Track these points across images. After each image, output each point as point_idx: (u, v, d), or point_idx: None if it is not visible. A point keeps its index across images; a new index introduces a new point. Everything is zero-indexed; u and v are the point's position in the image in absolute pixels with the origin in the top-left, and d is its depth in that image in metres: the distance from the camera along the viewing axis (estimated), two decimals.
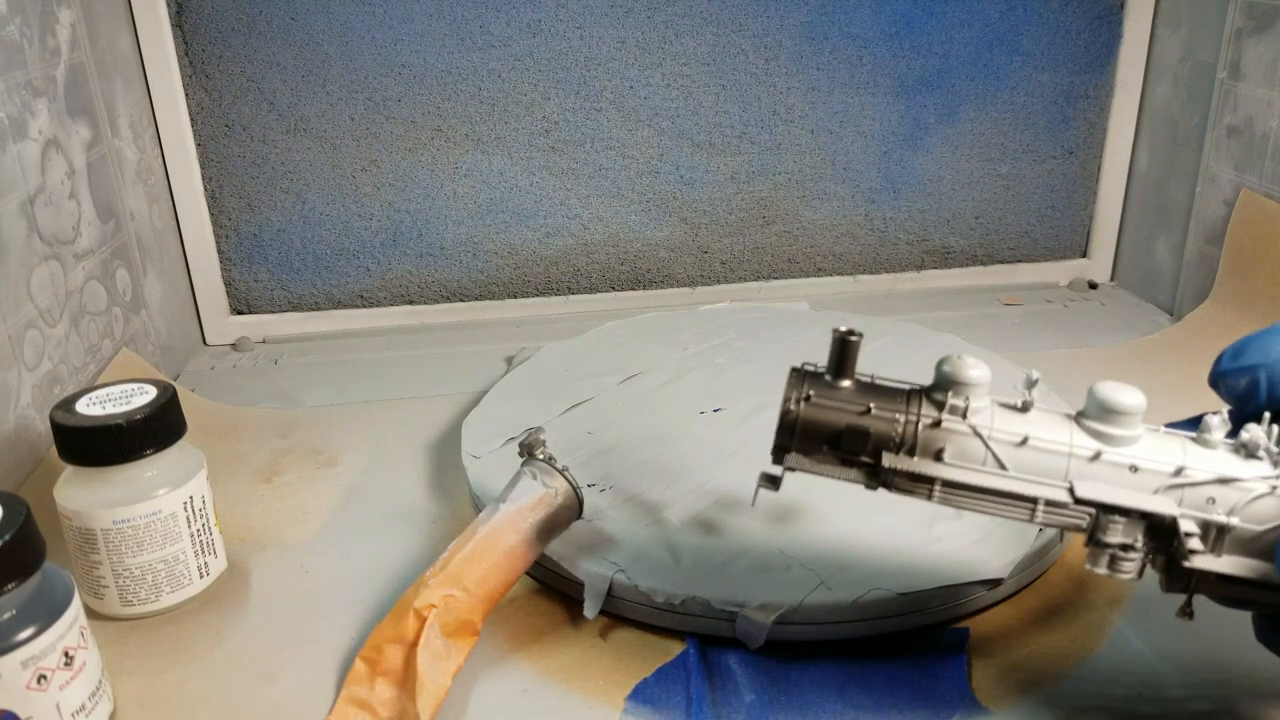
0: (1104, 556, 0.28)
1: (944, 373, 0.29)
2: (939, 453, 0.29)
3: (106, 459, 0.37)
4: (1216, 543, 0.28)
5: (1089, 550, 0.28)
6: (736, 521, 0.41)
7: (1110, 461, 0.28)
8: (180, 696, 0.36)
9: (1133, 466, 0.28)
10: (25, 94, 0.49)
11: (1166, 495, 0.28)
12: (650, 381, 0.54)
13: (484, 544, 0.36)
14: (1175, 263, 0.69)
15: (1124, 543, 0.28)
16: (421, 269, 0.70)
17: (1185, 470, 0.28)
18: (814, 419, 0.29)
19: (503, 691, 0.36)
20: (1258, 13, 0.60)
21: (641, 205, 0.71)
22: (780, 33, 0.67)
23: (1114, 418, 0.28)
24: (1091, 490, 0.28)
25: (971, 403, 0.29)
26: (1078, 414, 0.30)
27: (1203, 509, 0.28)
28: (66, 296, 0.51)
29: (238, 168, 0.66)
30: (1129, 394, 0.28)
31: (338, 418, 0.57)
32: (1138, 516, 0.28)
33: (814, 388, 0.30)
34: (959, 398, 0.29)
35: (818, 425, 0.29)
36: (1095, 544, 0.28)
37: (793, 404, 0.29)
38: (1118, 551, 0.28)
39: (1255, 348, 0.31)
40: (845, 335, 0.30)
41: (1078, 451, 0.28)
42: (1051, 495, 0.28)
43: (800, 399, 0.29)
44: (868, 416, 0.29)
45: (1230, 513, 0.28)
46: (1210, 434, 0.29)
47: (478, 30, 0.65)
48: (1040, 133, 0.72)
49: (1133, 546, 0.28)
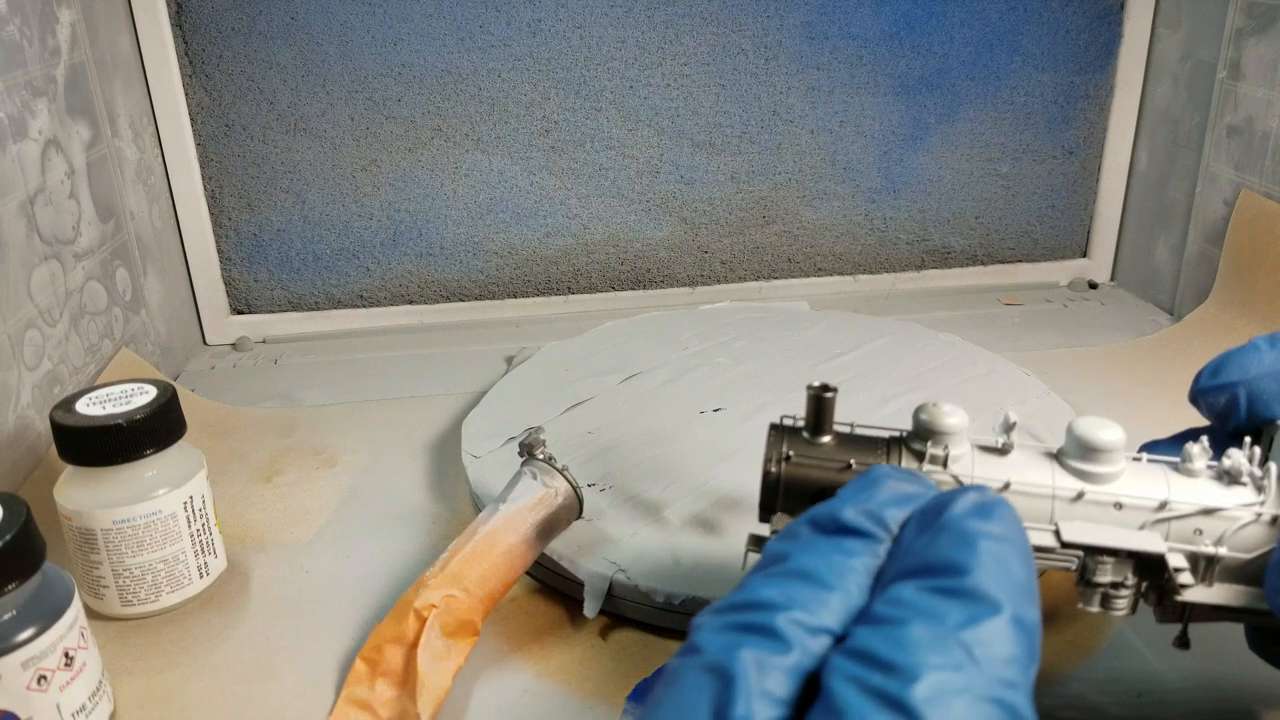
0: (1095, 595, 0.28)
1: (921, 421, 0.29)
2: None
3: (106, 459, 0.37)
4: (1206, 573, 0.28)
5: (1080, 590, 0.28)
6: (736, 521, 0.41)
7: (1094, 500, 0.28)
8: (180, 696, 0.36)
9: (1117, 503, 0.28)
10: (25, 94, 0.49)
11: (1153, 530, 0.28)
12: (650, 381, 0.54)
13: (484, 544, 0.36)
14: (1175, 263, 0.69)
15: (1114, 581, 0.28)
16: (421, 269, 0.70)
17: (1169, 504, 0.28)
18: (796, 478, 0.29)
19: (503, 691, 0.36)
20: (1258, 13, 0.60)
21: (641, 205, 0.71)
22: (780, 33, 0.67)
23: (1094, 455, 0.28)
24: (1078, 533, 0.28)
25: (951, 450, 0.28)
26: (1058, 451, 0.29)
27: (1190, 541, 0.28)
28: (66, 296, 0.51)
29: (238, 168, 0.66)
30: (1108, 430, 0.28)
31: (338, 418, 0.57)
32: (1125, 555, 0.28)
33: (793, 446, 0.29)
34: (938, 446, 0.28)
35: (800, 484, 0.29)
36: (1086, 584, 0.28)
37: (773, 465, 0.29)
38: (1109, 590, 0.28)
39: (1233, 365, 0.31)
40: (820, 392, 0.29)
41: (1060, 493, 0.28)
42: (1038, 540, 0.28)
43: (780, 459, 0.29)
44: (848, 472, 0.29)
45: (1218, 543, 0.27)
46: (1193, 463, 0.28)
47: (478, 30, 0.65)
48: (1040, 133, 0.72)
49: (1123, 584, 0.28)
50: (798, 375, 0.54)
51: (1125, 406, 0.55)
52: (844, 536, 0.22)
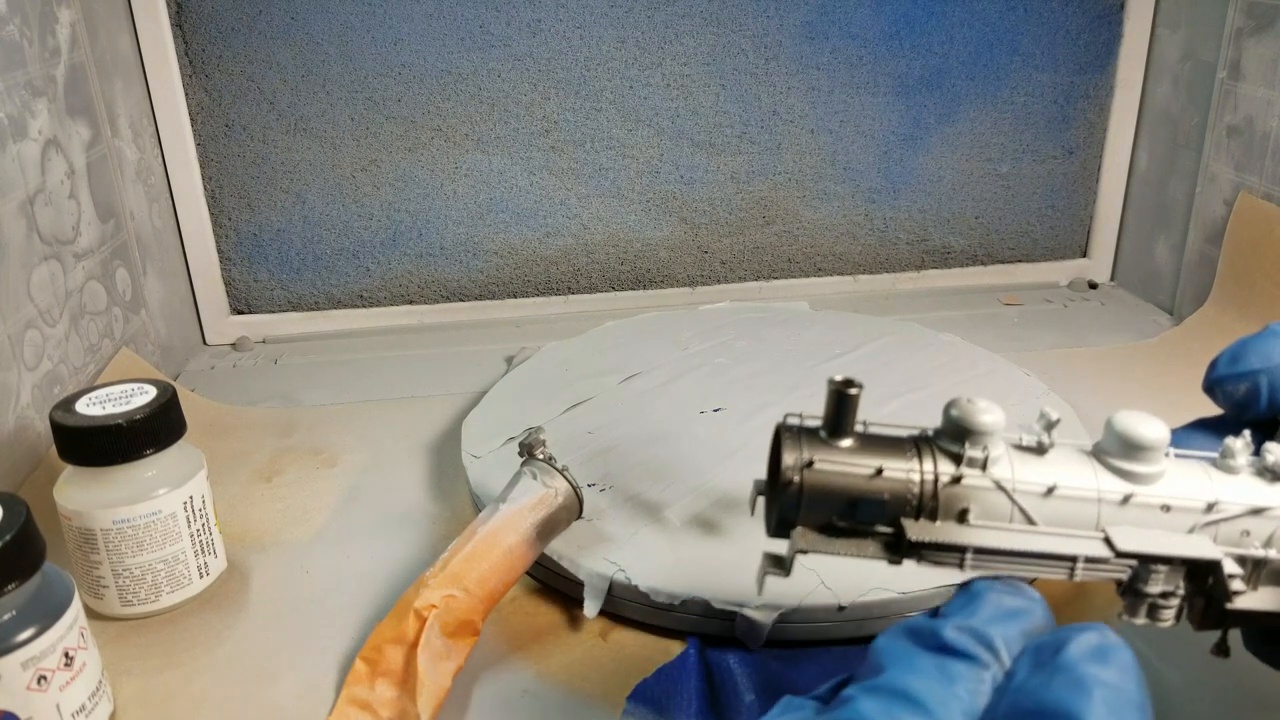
0: (1144, 605, 0.26)
1: (953, 418, 0.26)
2: (962, 513, 0.26)
3: (106, 459, 0.37)
4: (1253, 577, 0.26)
5: (1126, 601, 0.26)
6: (736, 521, 0.41)
7: (1141, 504, 0.26)
8: (180, 696, 0.36)
9: (1164, 506, 0.26)
10: (25, 94, 0.49)
11: (1202, 534, 0.26)
12: (650, 381, 0.54)
13: (484, 544, 0.36)
14: (1175, 263, 0.69)
15: (1165, 590, 0.26)
16: (421, 269, 0.70)
17: (1218, 505, 0.26)
18: (820, 487, 0.25)
19: (503, 691, 0.36)
20: (1258, 13, 0.60)
21: (641, 205, 0.71)
22: (780, 33, 0.67)
23: (1138, 453, 0.26)
24: (1132, 541, 0.26)
25: (990, 451, 0.26)
26: (1095, 448, 0.27)
27: (1238, 543, 0.26)
28: (66, 296, 0.51)
29: (238, 168, 0.66)
30: (1153, 426, 0.26)
31: (338, 418, 0.57)
32: (1180, 562, 0.26)
33: (813, 450, 0.26)
34: (976, 448, 0.26)
35: (826, 493, 0.26)
36: (1134, 594, 0.26)
37: (795, 473, 0.25)
38: (1157, 600, 0.26)
39: (1254, 352, 0.30)
40: (843, 388, 0.26)
41: (1106, 496, 0.26)
42: (1091, 551, 0.25)
43: (802, 466, 0.25)
44: (880, 479, 0.25)
45: (1267, 544, 0.26)
46: (1235, 459, 0.27)
47: (478, 30, 0.65)
48: (1040, 133, 0.72)
49: (1173, 593, 0.26)
50: (798, 375, 0.54)
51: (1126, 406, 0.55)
52: (946, 657, 0.21)
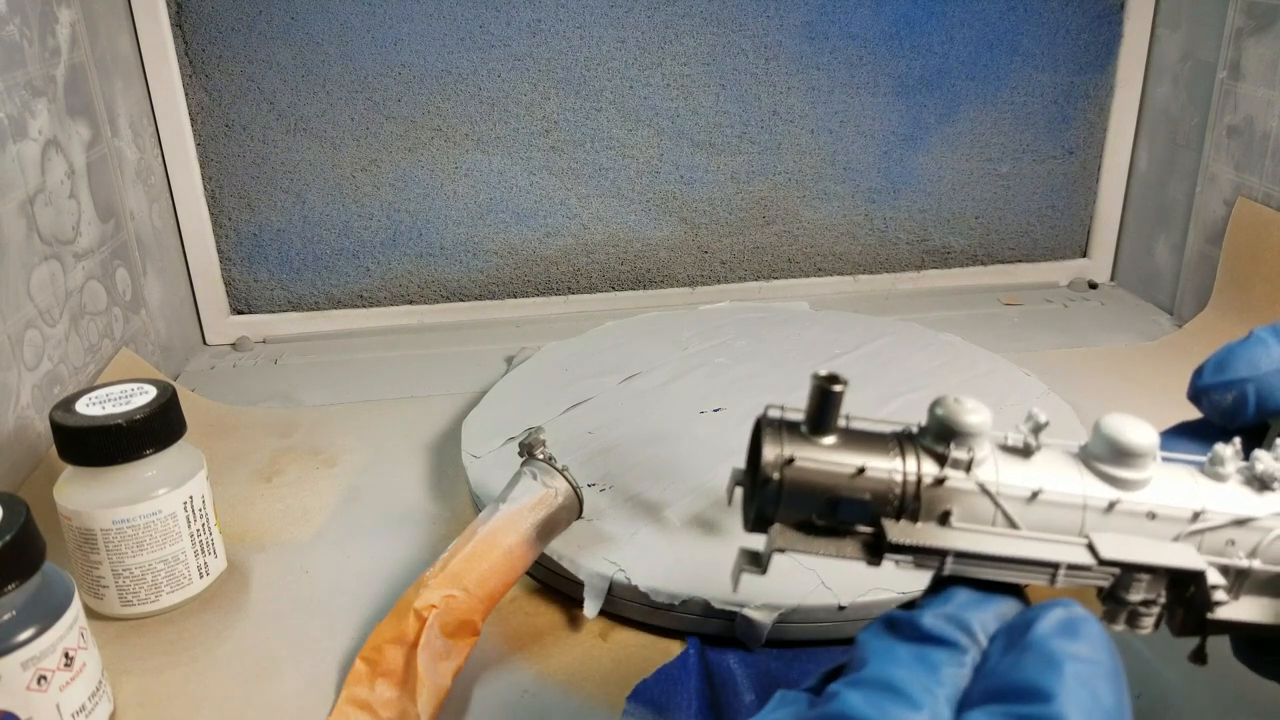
0: (1123, 613, 0.26)
1: (937, 417, 0.25)
2: (945, 515, 0.25)
3: (106, 459, 0.37)
4: (1235, 586, 0.26)
5: (1106, 608, 0.26)
6: (736, 522, 0.41)
7: (1126, 511, 0.26)
8: (180, 696, 0.36)
9: (1150, 513, 0.25)
10: (25, 94, 0.49)
11: (1186, 543, 0.26)
12: (650, 381, 0.54)
13: (484, 544, 0.36)
14: (1175, 262, 0.69)
15: (1146, 599, 0.25)
16: (421, 269, 0.70)
17: (1204, 514, 0.26)
18: (801, 485, 0.25)
19: (503, 691, 0.36)
20: (1258, 13, 0.60)
21: (641, 205, 0.71)
22: (780, 33, 0.67)
23: (1126, 459, 0.26)
24: (1115, 548, 0.25)
25: (975, 453, 0.25)
26: (1083, 451, 0.27)
27: (1223, 553, 0.26)
28: (66, 296, 0.51)
29: (238, 168, 0.66)
30: (1141, 432, 0.26)
31: (338, 418, 0.57)
32: (1163, 571, 0.25)
33: (794, 446, 0.25)
34: (961, 449, 0.25)
35: (804, 491, 0.25)
36: (1114, 601, 0.26)
37: (774, 470, 0.25)
38: (1138, 607, 0.25)
39: (1240, 360, 0.29)
40: (826, 384, 0.25)
41: (1092, 502, 0.25)
42: (1074, 558, 0.25)
43: (782, 463, 0.25)
44: (862, 478, 0.25)
45: (1251, 554, 0.26)
46: (1223, 466, 0.26)
47: (478, 30, 0.65)
48: (1040, 133, 0.72)
49: (1154, 601, 0.25)
50: (798, 375, 0.54)
51: (1125, 407, 0.54)
52: (926, 645, 0.21)
